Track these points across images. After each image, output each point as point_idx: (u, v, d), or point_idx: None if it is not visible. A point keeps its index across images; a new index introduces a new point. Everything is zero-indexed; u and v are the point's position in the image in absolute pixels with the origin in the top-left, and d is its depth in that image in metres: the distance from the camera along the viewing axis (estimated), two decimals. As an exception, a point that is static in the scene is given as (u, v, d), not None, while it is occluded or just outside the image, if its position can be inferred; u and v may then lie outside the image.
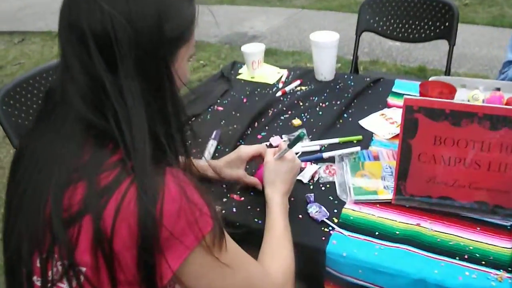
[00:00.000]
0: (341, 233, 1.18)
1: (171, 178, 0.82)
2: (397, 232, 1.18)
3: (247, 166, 1.36)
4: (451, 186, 1.20)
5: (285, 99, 1.85)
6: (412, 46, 4.38)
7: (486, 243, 1.14)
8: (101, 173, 0.81)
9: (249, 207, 1.30)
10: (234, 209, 1.30)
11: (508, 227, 1.18)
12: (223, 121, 1.73)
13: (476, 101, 1.62)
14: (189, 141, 0.96)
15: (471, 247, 1.13)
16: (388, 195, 1.26)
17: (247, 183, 1.32)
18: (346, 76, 2.00)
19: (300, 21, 5.73)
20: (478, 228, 1.18)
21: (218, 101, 1.89)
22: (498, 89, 1.72)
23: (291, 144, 1.22)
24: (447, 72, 2.45)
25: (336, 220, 1.22)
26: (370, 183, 1.31)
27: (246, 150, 1.33)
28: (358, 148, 1.46)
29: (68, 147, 0.85)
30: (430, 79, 1.77)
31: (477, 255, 1.11)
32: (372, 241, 1.16)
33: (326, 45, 1.89)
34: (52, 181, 0.82)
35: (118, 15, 0.80)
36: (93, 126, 0.84)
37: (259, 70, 2.07)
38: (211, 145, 1.57)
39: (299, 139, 1.22)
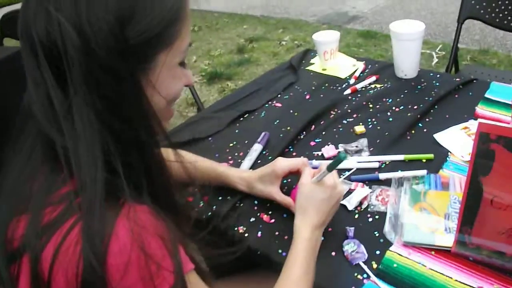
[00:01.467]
0: (376, 284, 0.93)
1: (123, 222, 0.65)
2: (450, 295, 0.90)
3: (289, 180, 1.18)
4: (532, 243, 0.90)
5: (353, 99, 1.58)
6: (531, 34, 3.86)
7: None
8: (47, 206, 0.68)
9: (277, 233, 1.08)
10: (260, 233, 1.09)
11: None
12: (278, 121, 1.50)
13: None
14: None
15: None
16: (449, 241, 0.98)
17: (279, 203, 1.10)
18: (432, 75, 1.69)
19: (407, 1, 5.28)
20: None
21: (279, 95, 1.66)
22: None
23: (331, 167, 0.98)
24: None
25: (375, 266, 0.98)
26: (429, 221, 1.04)
27: (282, 164, 1.13)
28: (424, 172, 1.17)
29: (24, 169, 0.73)
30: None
31: None
32: (413, 302, 0.90)
33: (408, 37, 1.60)
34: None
35: (65, 20, 0.64)
36: (51, 146, 0.70)
37: (332, 61, 1.80)
38: (255, 150, 1.35)
39: (339, 161, 0.97)
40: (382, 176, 1.19)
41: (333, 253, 1.02)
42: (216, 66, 4.25)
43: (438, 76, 1.68)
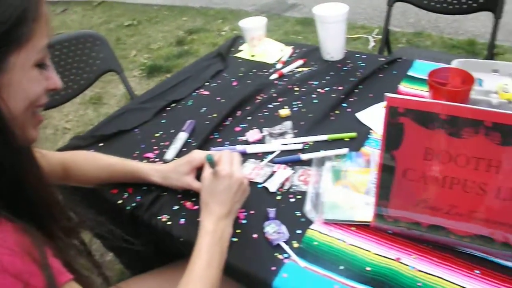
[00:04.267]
0: (297, 263, 0.93)
1: None
2: (368, 269, 0.92)
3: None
4: (446, 213, 0.92)
5: (280, 83, 1.58)
6: (462, 16, 3.94)
7: (483, 294, 0.86)
8: None
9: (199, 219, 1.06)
10: (183, 220, 1.07)
11: (518, 271, 0.89)
12: (205, 109, 1.48)
13: (506, 93, 1.30)
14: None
15: (461, 299, 0.85)
16: (368, 216, 0.99)
17: (197, 190, 1.08)
18: (358, 56, 1.70)
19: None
20: (477, 271, 0.90)
21: (207, 84, 1.64)
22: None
23: (211, 165, 1.00)
24: (490, 50, 2.10)
25: (296, 245, 0.97)
26: (349, 198, 1.05)
27: (198, 155, 1.12)
28: (345, 150, 1.18)
29: None
30: (452, 62, 1.46)
31: (467, 311, 0.83)
32: (332, 277, 0.91)
33: (332, 20, 1.61)
34: None
35: None
36: None
37: (260, 48, 1.79)
38: (180, 138, 1.33)
39: (209, 161, 1.00)
40: (304, 156, 1.19)
41: (255, 236, 1.01)
42: (155, 59, 4.19)
43: (364, 56, 1.70)
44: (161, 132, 1.40)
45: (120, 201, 1.16)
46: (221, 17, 5.05)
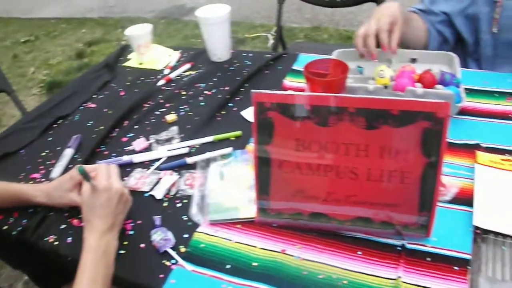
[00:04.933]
0: (184, 267, 0.92)
1: None
2: (255, 264, 0.92)
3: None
4: (324, 200, 0.95)
5: (167, 89, 1.56)
6: (357, 8, 4.07)
7: (366, 274, 0.89)
8: None
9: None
10: (70, 239, 1.04)
11: (399, 248, 0.92)
12: (92, 122, 1.44)
13: (382, 78, 1.35)
14: None
15: (345, 281, 0.88)
16: (252, 212, 1.00)
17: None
18: (244, 54, 1.72)
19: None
20: (359, 252, 0.93)
21: (94, 96, 1.60)
22: (414, 60, 1.46)
23: (85, 178, 0.99)
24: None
25: (183, 250, 0.97)
26: (233, 196, 1.05)
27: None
28: (230, 149, 1.18)
29: None
30: (333, 53, 1.50)
31: (351, 292, 0.86)
32: (219, 277, 0.91)
33: (215, 21, 1.62)
34: None
35: None
36: None
37: (148, 54, 1.77)
38: (65, 155, 1.29)
39: (82, 173, 0.98)
40: (190, 160, 1.18)
41: (142, 245, 1.00)
42: (54, 75, 4.05)
43: (250, 55, 1.71)
44: (48, 151, 1.36)
45: (5, 227, 1.11)
46: (121, 26, 4.96)
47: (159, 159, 1.22)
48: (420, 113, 0.84)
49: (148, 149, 1.27)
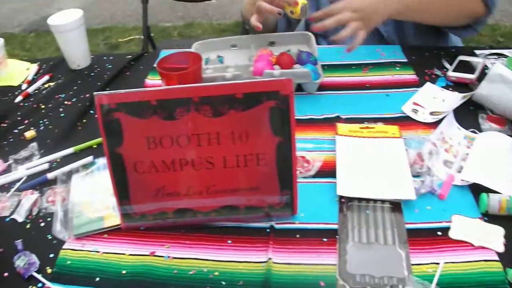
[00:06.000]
0: (52, 290, 0.87)
1: None
2: (124, 272, 0.89)
3: None
4: (186, 195, 0.92)
5: (25, 104, 1.48)
6: (228, 1, 4.11)
7: (237, 261, 0.88)
8: None
9: None
10: None
11: (268, 230, 0.92)
12: None
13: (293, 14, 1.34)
14: None
15: (216, 273, 0.86)
16: (118, 219, 0.96)
17: None
18: (105, 58, 1.66)
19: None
20: (229, 241, 0.92)
21: None
22: (273, 43, 1.47)
23: None
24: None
25: (49, 271, 0.91)
26: (97, 206, 1.01)
27: None
28: (90, 158, 1.14)
29: None
30: (193, 46, 1.48)
31: (223, 283, 0.84)
32: (90, 292, 0.86)
33: (68, 27, 1.54)
34: None
35: None
36: None
37: (3, 71, 1.67)
38: None
39: None
40: (50, 175, 1.12)
41: (6, 274, 0.93)
42: None
43: (111, 58, 1.66)
44: None
45: None
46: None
47: (20, 179, 1.14)
48: (265, 93, 0.84)
49: (7, 170, 1.19)
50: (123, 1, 4.80)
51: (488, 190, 0.96)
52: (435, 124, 1.17)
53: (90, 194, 1.05)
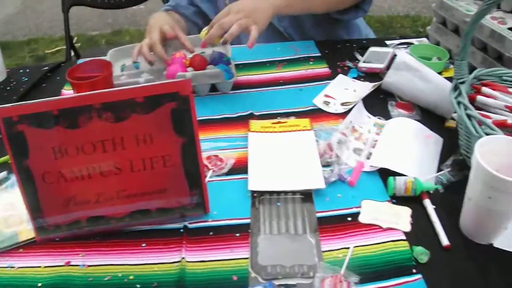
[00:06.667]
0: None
1: None
2: (40, 284, 0.89)
3: None
4: (97, 202, 0.93)
5: None
6: (157, 7, 4.06)
7: (151, 264, 0.89)
8: None
9: None
10: None
11: (181, 230, 0.94)
12: None
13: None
14: None
15: (131, 277, 0.87)
16: (32, 233, 0.96)
17: None
18: (22, 71, 1.63)
19: (36, 5, 5.11)
20: (144, 244, 0.93)
21: None
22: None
23: None
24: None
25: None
26: (10, 221, 1.00)
27: None
28: (4, 174, 1.12)
29: None
30: (108, 53, 1.48)
31: (138, 286, 0.86)
32: (4, 311, 0.85)
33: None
34: None
35: None
36: None
37: None
38: None
39: None
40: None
41: None
42: None
43: (27, 70, 1.64)
44: None
45: None
46: None
47: None
48: (165, 95, 0.86)
49: None
50: (48, 10, 4.70)
51: (397, 174, 1.01)
52: (345, 114, 1.21)
53: (5, 210, 1.04)
